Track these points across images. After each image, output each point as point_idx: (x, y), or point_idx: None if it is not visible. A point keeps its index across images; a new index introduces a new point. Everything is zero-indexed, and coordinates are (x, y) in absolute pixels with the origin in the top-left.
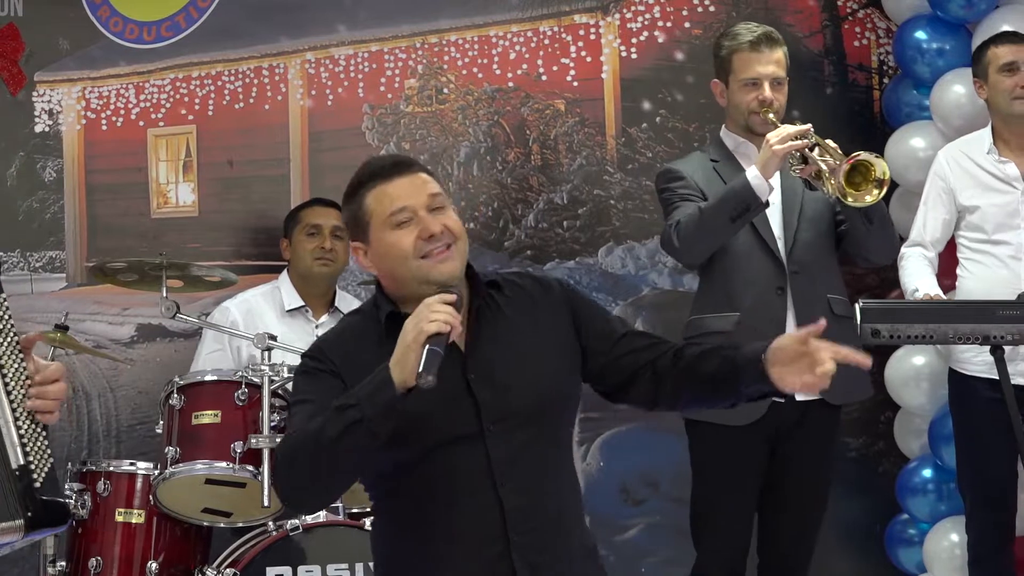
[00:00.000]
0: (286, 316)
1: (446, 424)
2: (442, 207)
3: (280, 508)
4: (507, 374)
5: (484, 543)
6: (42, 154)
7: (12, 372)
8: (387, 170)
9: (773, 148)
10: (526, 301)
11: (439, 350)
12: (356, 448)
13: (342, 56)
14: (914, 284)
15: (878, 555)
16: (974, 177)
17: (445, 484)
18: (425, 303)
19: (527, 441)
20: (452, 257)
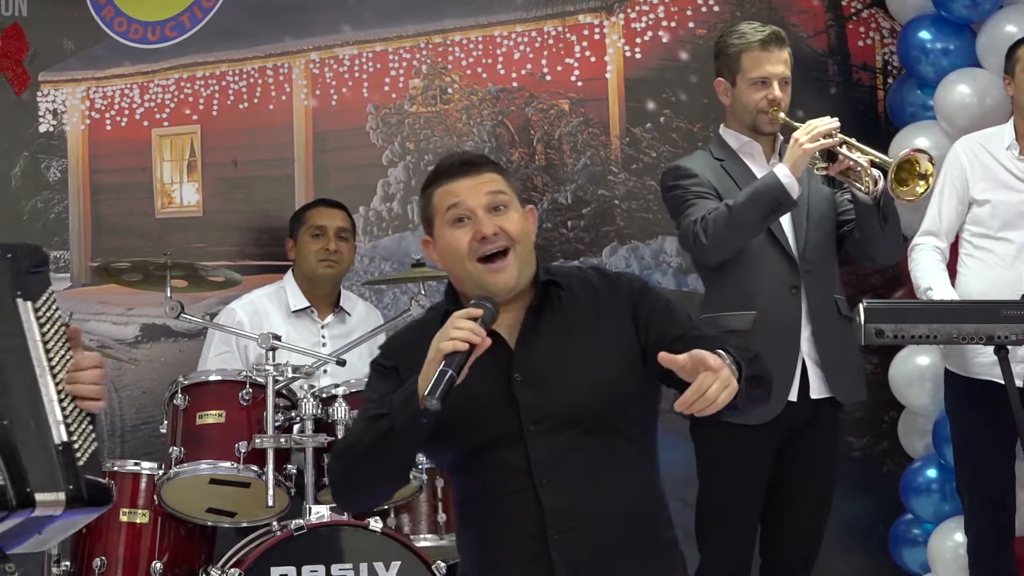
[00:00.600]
0: (291, 317)
1: (488, 424)
2: (503, 207)
3: (285, 508)
4: (553, 375)
5: (524, 540)
6: (46, 154)
7: (58, 357)
8: (454, 168)
9: (804, 146)
10: (590, 299)
11: (451, 372)
12: (390, 455)
13: (346, 56)
14: (927, 281)
15: (882, 555)
16: (990, 171)
17: (489, 482)
18: (451, 318)
19: (571, 442)
20: (509, 266)
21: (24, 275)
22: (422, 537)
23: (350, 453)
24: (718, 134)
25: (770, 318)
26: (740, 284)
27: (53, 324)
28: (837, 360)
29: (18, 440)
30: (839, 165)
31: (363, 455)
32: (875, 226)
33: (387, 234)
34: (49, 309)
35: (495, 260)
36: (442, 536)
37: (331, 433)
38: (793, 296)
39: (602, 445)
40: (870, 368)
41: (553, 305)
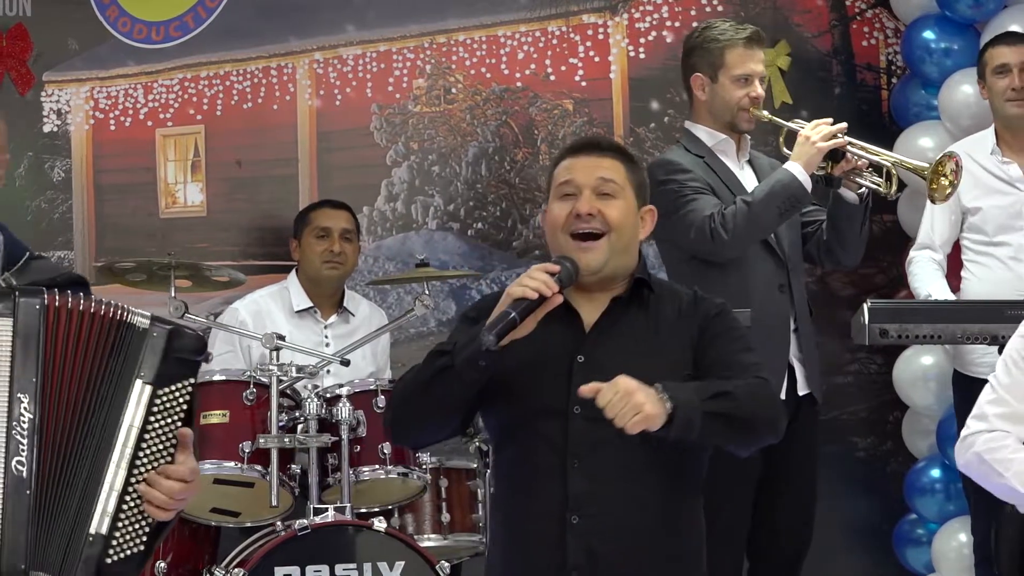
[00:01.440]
0: (295, 317)
1: (538, 395)
2: (610, 194)
3: (289, 508)
4: (614, 366)
5: (545, 519)
6: (51, 154)
7: (151, 453)
8: (579, 146)
9: (817, 144)
10: (673, 308)
11: (514, 315)
12: (445, 392)
13: (350, 56)
14: (926, 290)
15: (886, 555)
16: (977, 178)
17: (527, 453)
18: (531, 268)
19: (610, 434)
20: (599, 248)
21: (164, 358)
22: (426, 537)
23: (410, 386)
24: (687, 131)
25: (763, 316)
26: (735, 282)
27: (168, 417)
28: (811, 356)
29: (62, 521)
30: (847, 164)
31: (421, 387)
32: (856, 228)
33: (391, 234)
34: (174, 402)
35: (586, 239)
36: (446, 536)
37: (335, 433)
38: (782, 294)
39: (639, 446)
40: (874, 368)
41: (639, 304)
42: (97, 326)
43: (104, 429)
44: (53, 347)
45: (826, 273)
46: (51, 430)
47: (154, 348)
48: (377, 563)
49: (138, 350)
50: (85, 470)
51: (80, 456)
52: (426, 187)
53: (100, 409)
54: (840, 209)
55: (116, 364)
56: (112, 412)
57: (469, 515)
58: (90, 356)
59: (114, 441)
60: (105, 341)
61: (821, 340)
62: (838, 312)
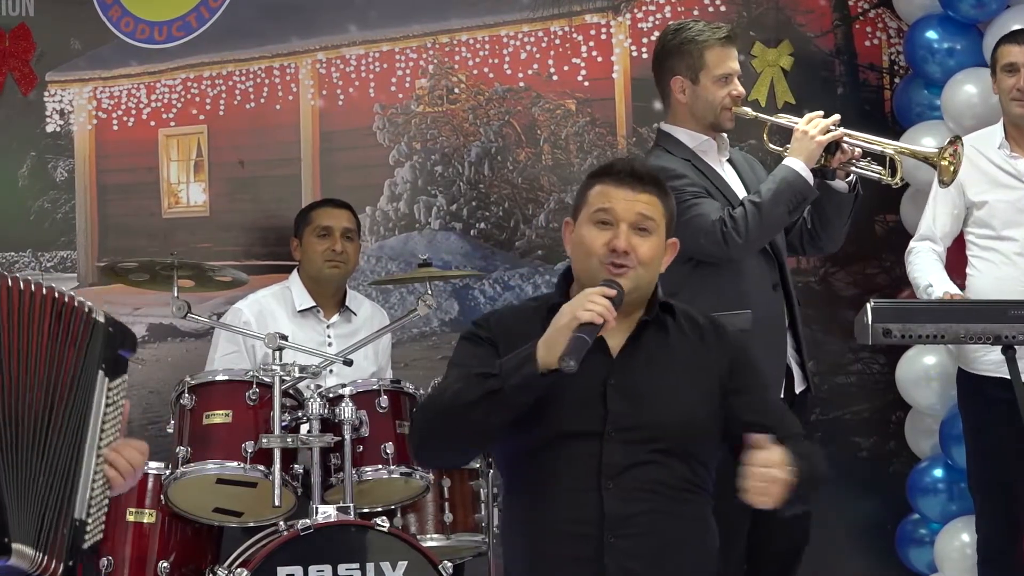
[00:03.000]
0: (297, 316)
1: (573, 418)
2: (647, 231)
3: (291, 508)
4: (646, 390)
5: (579, 539)
6: (53, 154)
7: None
8: (622, 176)
9: (816, 139)
10: (695, 335)
11: (587, 339)
12: (489, 416)
13: (353, 56)
14: (927, 279)
15: (889, 555)
16: (984, 172)
17: (557, 474)
18: (585, 292)
19: (644, 457)
20: (626, 278)
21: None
22: (428, 537)
23: (447, 406)
24: (666, 133)
25: (762, 316)
26: (732, 283)
27: (116, 408)
28: (804, 351)
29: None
30: (843, 156)
31: (461, 410)
32: (844, 216)
33: (394, 234)
34: (119, 393)
35: (616, 268)
36: (448, 536)
37: (337, 433)
38: (776, 293)
39: (672, 466)
40: (877, 368)
41: (661, 326)
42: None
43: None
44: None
45: (828, 273)
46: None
47: (109, 342)
48: (380, 563)
49: (96, 342)
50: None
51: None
52: (429, 187)
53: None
54: (830, 199)
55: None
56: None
57: (472, 515)
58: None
59: (87, 429)
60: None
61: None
62: (840, 312)
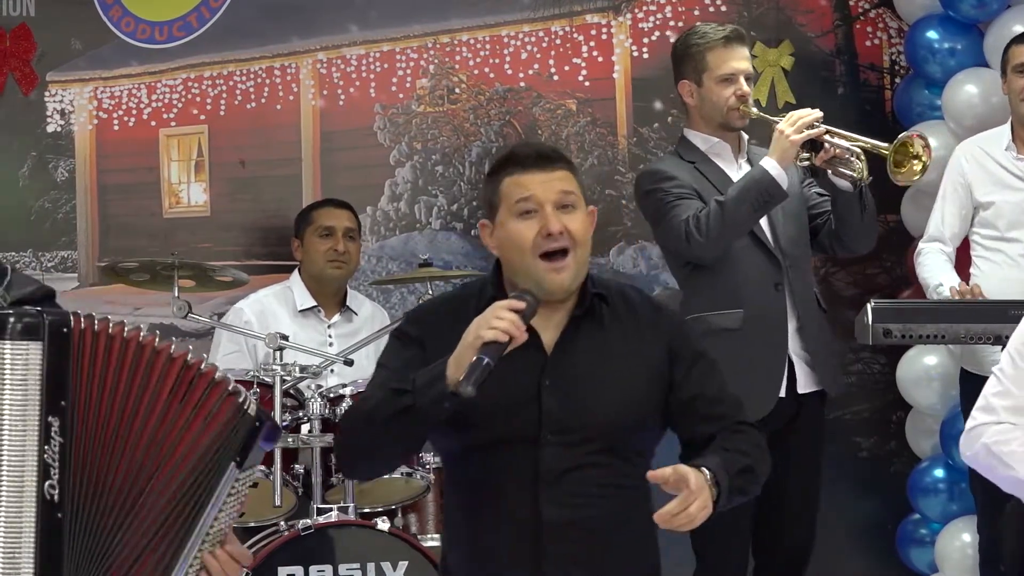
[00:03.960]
0: (298, 316)
1: (507, 424)
2: (571, 206)
3: (292, 508)
4: (583, 388)
5: (520, 546)
6: (54, 154)
7: (217, 528)
8: (529, 160)
9: (791, 137)
10: (631, 318)
11: (489, 360)
12: (405, 431)
13: (354, 56)
14: (937, 279)
15: (890, 555)
16: (991, 173)
17: (494, 481)
18: (493, 306)
19: (584, 458)
20: (568, 268)
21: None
22: (429, 537)
23: (365, 421)
24: (683, 137)
25: (757, 316)
26: (725, 283)
27: (237, 499)
28: (822, 353)
29: None
30: (826, 154)
31: (379, 426)
32: (856, 214)
33: (394, 234)
34: (244, 485)
35: (556, 259)
36: None
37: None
38: (778, 292)
39: (612, 466)
40: (878, 368)
41: (595, 317)
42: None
43: (198, 504)
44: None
45: (829, 273)
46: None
47: (250, 436)
48: (380, 563)
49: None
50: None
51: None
52: (429, 187)
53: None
54: (837, 197)
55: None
56: (207, 489)
57: None
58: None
59: (201, 514)
60: (196, 397)
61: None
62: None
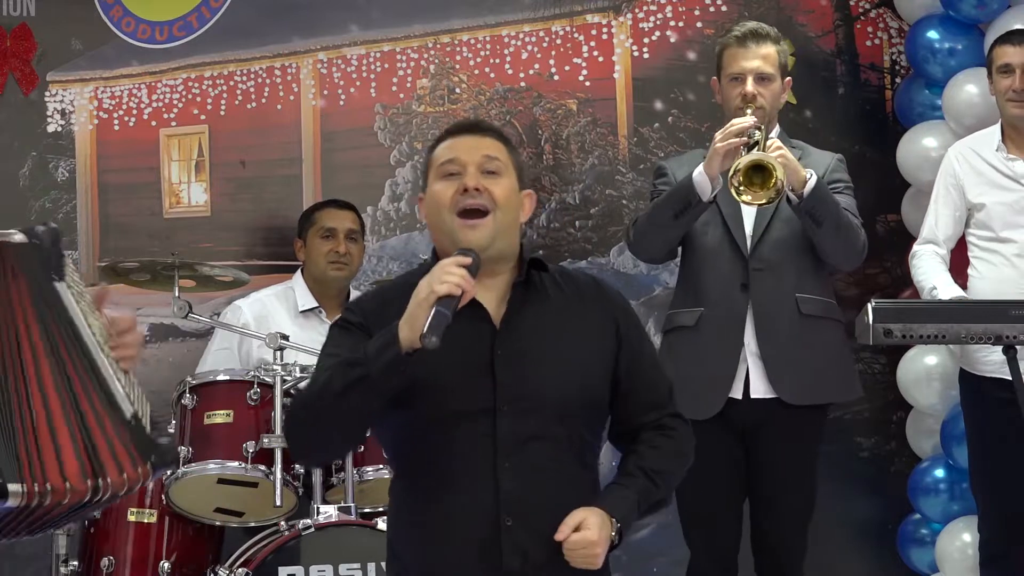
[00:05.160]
0: (299, 317)
1: (461, 395)
2: (496, 172)
3: (292, 508)
4: (535, 357)
5: (477, 522)
6: (54, 154)
7: (98, 328)
8: (459, 127)
9: (716, 146)
10: (575, 294)
11: (447, 312)
12: (360, 403)
13: (354, 56)
14: (931, 282)
15: (890, 555)
16: (982, 174)
17: (450, 455)
18: (440, 264)
19: (538, 429)
20: (485, 226)
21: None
22: None
23: (315, 400)
24: None
25: (716, 315)
26: (693, 281)
27: (83, 295)
28: (787, 360)
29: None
30: None
31: (331, 402)
32: (809, 226)
33: (395, 234)
34: (75, 282)
35: (472, 216)
36: None
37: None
38: (741, 293)
39: (564, 438)
40: (878, 368)
41: (536, 287)
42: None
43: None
44: None
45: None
46: None
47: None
48: (381, 563)
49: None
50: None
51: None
52: None
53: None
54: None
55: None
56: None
57: None
58: None
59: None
60: None
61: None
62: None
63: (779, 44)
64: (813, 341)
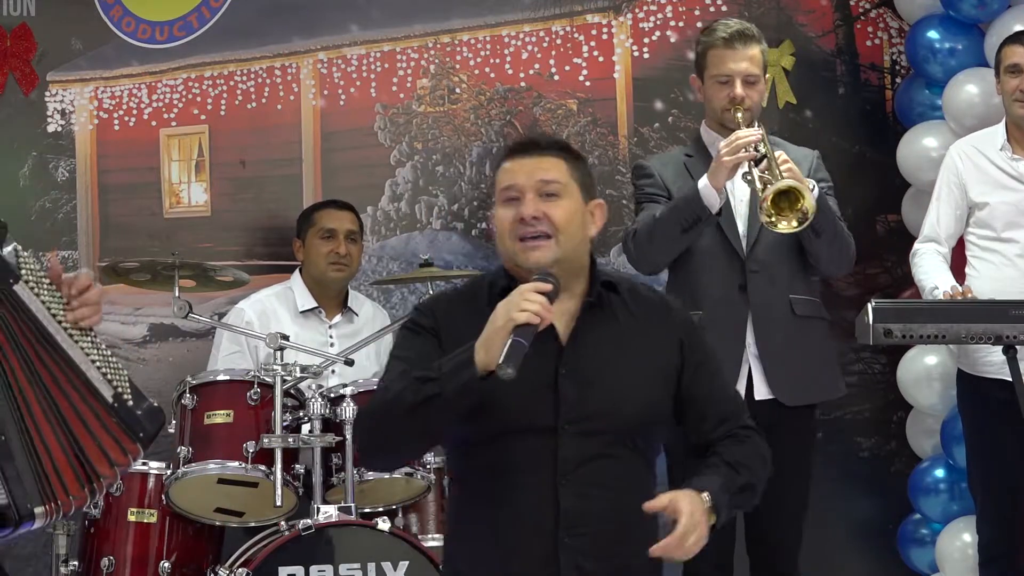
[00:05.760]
0: (299, 317)
1: (524, 413)
2: (555, 195)
3: (293, 508)
4: (599, 377)
5: (536, 537)
6: (55, 154)
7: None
8: (518, 147)
9: (722, 159)
10: (643, 312)
11: (524, 343)
12: (430, 419)
13: (354, 56)
14: (932, 281)
15: (890, 555)
16: (985, 173)
17: (510, 471)
18: (519, 289)
19: (599, 448)
20: (543, 248)
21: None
22: (430, 537)
23: (388, 411)
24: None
25: (716, 317)
26: (689, 283)
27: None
28: (783, 361)
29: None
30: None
31: (402, 415)
32: (807, 236)
33: (395, 234)
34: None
35: (530, 240)
36: None
37: (339, 433)
38: (740, 295)
39: (626, 457)
40: (878, 368)
41: (605, 307)
42: None
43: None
44: None
45: None
46: None
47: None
48: (381, 563)
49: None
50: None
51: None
52: (430, 187)
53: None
54: None
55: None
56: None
57: None
58: None
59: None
60: None
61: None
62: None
63: (762, 44)
64: (805, 342)
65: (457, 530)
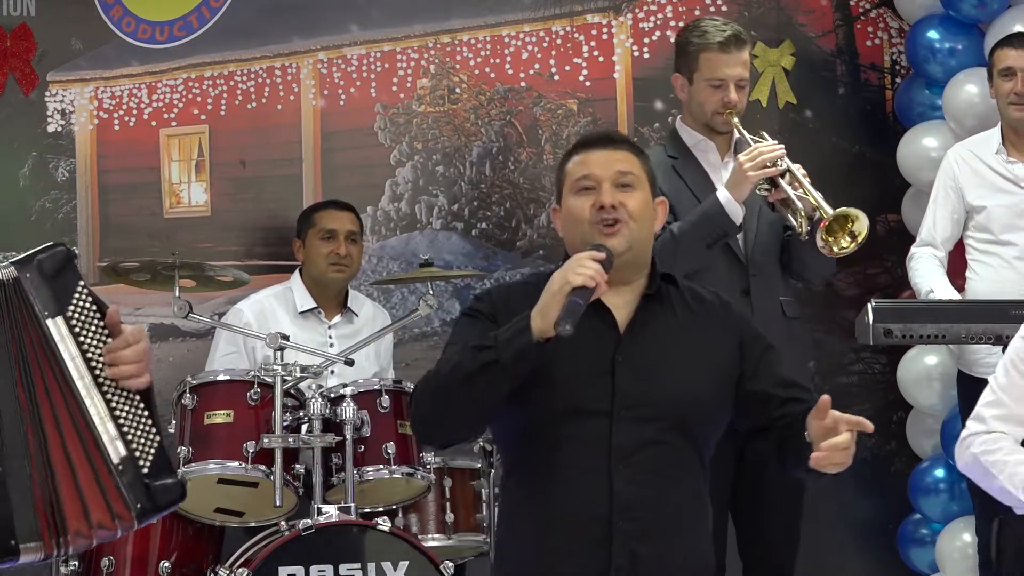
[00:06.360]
0: (299, 317)
1: (578, 394)
2: (630, 186)
3: (293, 508)
4: (654, 367)
5: (589, 521)
6: (55, 154)
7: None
8: (593, 141)
9: (747, 174)
10: (701, 311)
11: (581, 302)
12: (487, 388)
13: (354, 56)
14: (928, 285)
15: (890, 555)
16: (982, 177)
17: (565, 454)
18: (575, 257)
19: (654, 437)
20: (623, 233)
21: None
22: (430, 537)
23: (446, 381)
24: (674, 129)
25: None
26: None
27: (89, 325)
28: None
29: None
30: (778, 194)
31: (460, 384)
32: (810, 249)
33: (395, 234)
34: (83, 311)
35: (607, 228)
36: (450, 536)
37: (339, 433)
38: (744, 299)
39: (680, 447)
40: (878, 368)
41: (664, 301)
42: None
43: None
44: None
45: None
46: None
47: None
48: (381, 563)
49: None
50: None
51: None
52: (430, 187)
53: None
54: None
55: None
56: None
57: (473, 515)
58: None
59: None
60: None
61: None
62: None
63: (750, 46)
64: (794, 343)
65: (510, 517)
